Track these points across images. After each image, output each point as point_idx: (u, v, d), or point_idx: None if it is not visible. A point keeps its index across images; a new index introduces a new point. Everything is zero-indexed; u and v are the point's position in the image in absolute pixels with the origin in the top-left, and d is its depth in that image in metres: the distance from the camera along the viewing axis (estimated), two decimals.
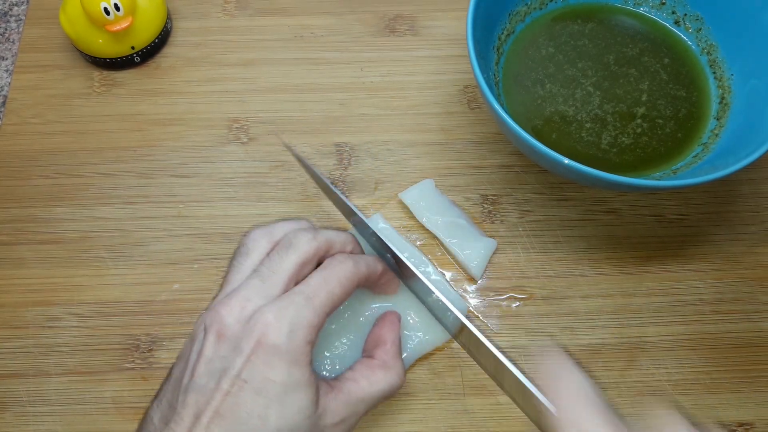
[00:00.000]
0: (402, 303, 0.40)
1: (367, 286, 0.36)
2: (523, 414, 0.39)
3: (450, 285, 0.43)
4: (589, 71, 0.46)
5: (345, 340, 0.38)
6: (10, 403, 0.40)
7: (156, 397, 0.31)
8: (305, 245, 0.32)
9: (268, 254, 0.32)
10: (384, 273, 0.36)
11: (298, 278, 0.32)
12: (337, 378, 0.33)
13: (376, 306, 0.39)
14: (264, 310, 0.29)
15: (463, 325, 0.35)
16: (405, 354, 0.39)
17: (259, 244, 0.33)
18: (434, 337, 0.40)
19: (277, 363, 0.28)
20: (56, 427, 0.39)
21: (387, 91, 0.50)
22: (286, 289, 0.31)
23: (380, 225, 0.43)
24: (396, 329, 0.36)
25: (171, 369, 0.32)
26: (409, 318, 0.40)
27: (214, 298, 0.32)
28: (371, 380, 0.33)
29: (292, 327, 0.29)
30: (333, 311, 0.31)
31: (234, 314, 0.30)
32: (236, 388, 0.28)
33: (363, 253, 0.36)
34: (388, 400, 0.34)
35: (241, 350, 0.29)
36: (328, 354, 0.38)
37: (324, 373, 0.37)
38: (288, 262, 0.31)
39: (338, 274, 0.32)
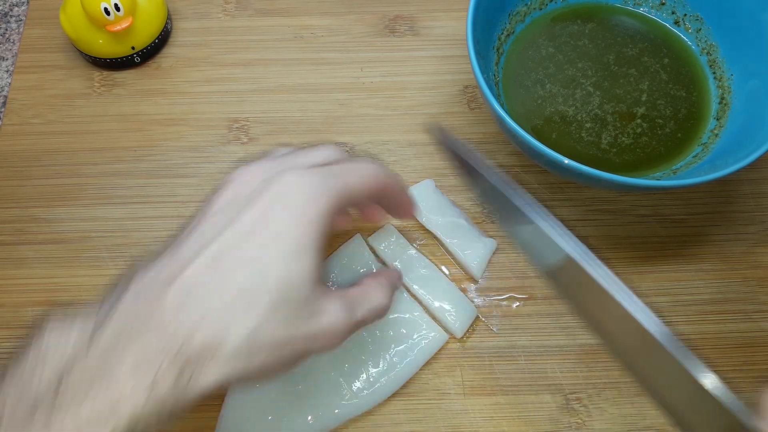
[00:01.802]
0: (403, 309, 0.40)
1: (384, 204, 0.35)
2: (527, 414, 0.39)
3: (459, 290, 0.43)
4: (589, 71, 0.46)
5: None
6: None
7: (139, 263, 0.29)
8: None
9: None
10: (402, 193, 0.35)
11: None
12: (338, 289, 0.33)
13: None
14: (286, 173, 0.29)
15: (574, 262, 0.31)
16: (410, 358, 0.39)
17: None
18: (439, 337, 0.40)
19: (289, 222, 0.28)
20: None
21: (387, 91, 0.50)
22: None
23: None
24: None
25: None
26: (412, 319, 0.40)
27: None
28: (368, 294, 0.33)
29: (311, 192, 0.28)
30: (347, 206, 0.30)
31: (256, 174, 0.30)
32: (239, 238, 0.27)
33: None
34: (373, 322, 0.34)
35: (254, 203, 0.28)
36: None
37: None
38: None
39: (362, 169, 0.31)
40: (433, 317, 0.41)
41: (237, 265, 0.27)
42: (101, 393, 0.24)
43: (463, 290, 0.43)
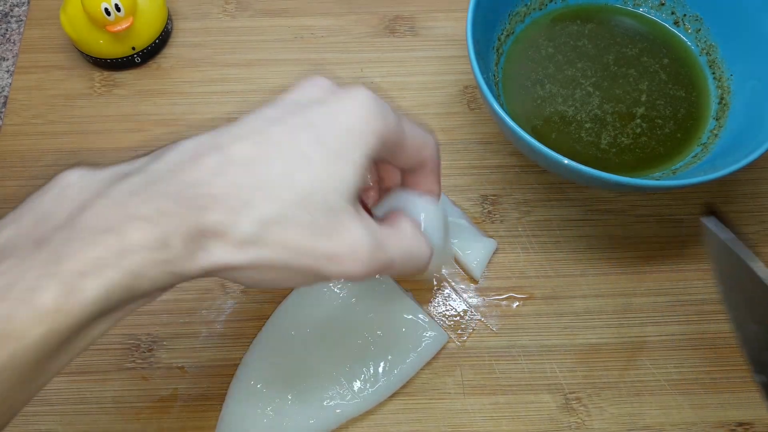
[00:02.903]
0: (405, 309, 0.40)
1: (410, 175, 0.34)
2: (526, 413, 0.39)
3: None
4: (588, 71, 0.46)
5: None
6: None
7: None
8: None
9: None
10: (437, 172, 0.34)
11: None
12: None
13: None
14: (362, 87, 0.28)
15: None
16: (411, 359, 0.39)
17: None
18: (439, 337, 0.40)
19: (349, 128, 0.27)
20: (56, 427, 0.39)
21: (387, 91, 0.50)
22: None
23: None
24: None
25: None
26: (413, 320, 0.40)
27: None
28: (403, 235, 0.30)
29: (380, 111, 0.28)
30: (392, 148, 0.29)
31: (326, 83, 0.29)
32: (298, 128, 0.27)
33: None
34: (412, 275, 0.34)
35: (326, 102, 0.28)
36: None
37: None
38: None
39: (423, 134, 0.31)
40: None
41: (280, 153, 0.26)
42: (110, 239, 0.23)
43: (463, 290, 0.43)
